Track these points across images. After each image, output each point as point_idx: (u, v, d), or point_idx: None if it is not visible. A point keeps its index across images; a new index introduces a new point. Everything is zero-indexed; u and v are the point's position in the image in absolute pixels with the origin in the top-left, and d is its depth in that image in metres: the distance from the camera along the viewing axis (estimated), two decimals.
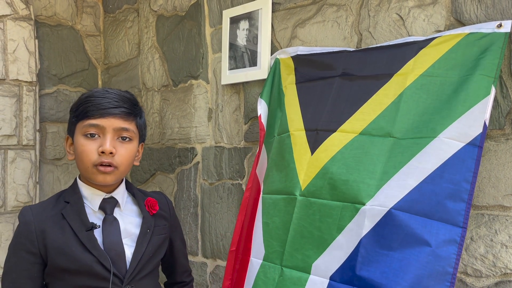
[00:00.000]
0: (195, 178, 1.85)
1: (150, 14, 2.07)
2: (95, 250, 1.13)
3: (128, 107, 1.18)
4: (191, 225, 1.87)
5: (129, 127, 1.18)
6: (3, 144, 1.86)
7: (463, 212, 0.99)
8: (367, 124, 1.16)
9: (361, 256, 1.05)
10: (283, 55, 1.49)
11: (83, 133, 1.15)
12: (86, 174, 1.17)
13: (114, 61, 2.27)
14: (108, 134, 1.14)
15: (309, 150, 1.25)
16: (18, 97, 1.90)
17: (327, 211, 1.15)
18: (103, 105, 1.14)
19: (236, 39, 1.64)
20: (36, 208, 1.19)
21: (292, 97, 1.40)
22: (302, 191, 1.23)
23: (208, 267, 1.80)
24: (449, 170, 1.01)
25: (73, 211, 1.16)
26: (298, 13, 1.50)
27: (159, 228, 1.28)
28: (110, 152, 1.13)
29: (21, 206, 1.87)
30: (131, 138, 1.20)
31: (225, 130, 1.74)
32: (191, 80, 1.88)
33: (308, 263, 1.15)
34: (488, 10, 1.12)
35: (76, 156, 1.18)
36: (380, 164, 1.09)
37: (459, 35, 1.12)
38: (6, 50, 1.88)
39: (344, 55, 1.32)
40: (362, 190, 1.09)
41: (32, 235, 1.13)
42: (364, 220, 1.06)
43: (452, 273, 0.97)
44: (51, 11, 2.11)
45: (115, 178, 1.17)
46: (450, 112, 1.05)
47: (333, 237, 1.11)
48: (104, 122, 1.14)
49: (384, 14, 1.30)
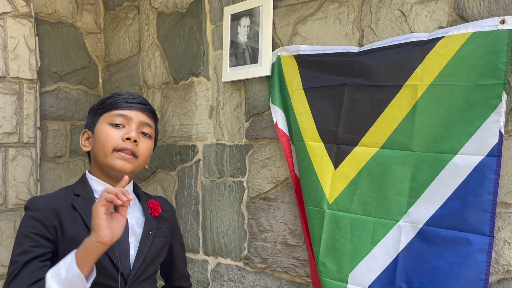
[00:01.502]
0: (196, 176, 1.85)
1: (150, 11, 2.06)
2: None
3: (152, 109, 1.29)
4: (192, 223, 1.87)
5: (151, 124, 1.27)
6: (4, 141, 1.86)
7: (488, 222, 1.06)
8: (386, 138, 1.21)
9: (400, 268, 1.15)
10: (284, 52, 1.48)
11: (108, 122, 1.20)
12: (105, 159, 1.17)
13: (114, 58, 2.26)
14: (134, 125, 1.21)
15: (332, 163, 1.31)
16: (18, 95, 1.90)
17: (360, 225, 1.23)
18: (132, 99, 1.24)
19: (237, 36, 1.63)
20: (47, 197, 1.18)
21: (301, 104, 1.40)
22: (329, 205, 1.29)
23: (209, 265, 1.80)
24: (472, 185, 1.08)
25: (85, 204, 1.16)
26: (299, 10, 1.49)
27: (161, 231, 1.28)
28: (134, 140, 1.18)
29: (22, 203, 1.87)
30: (151, 136, 1.27)
31: (226, 128, 1.73)
32: (192, 78, 1.87)
33: (344, 274, 1.23)
34: (491, 5, 1.12)
35: (97, 143, 1.19)
36: (406, 181, 1.17)
37: (463, 35, 1.11)
38: (7, 47, 1.87)
39: (349, 58, 1.30)
40: (393, 207, 1.18)
41: (47, 221, 1.10)
42: (400, 236, 1.16)
43: (484, 279, 1.05)
44: (52, 8, 2.10)
45: (133, 167, 1.20)
46: (466, 127, 1.09)
47: (367, 249, 1.20)
48: (131, 114, 1.21)
49: (386, 10, 1.30)
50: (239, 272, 1.69)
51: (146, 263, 1.21)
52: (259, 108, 1.61)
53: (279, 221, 1.55)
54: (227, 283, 1.73)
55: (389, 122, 1.21)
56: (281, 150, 1.54)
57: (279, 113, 1.49)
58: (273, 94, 1.50)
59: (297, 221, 1.50)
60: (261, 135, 1.61)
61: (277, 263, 1.56)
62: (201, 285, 1.84)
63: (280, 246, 1.55)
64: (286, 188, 1.54)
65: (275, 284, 1.57)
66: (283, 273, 1.54)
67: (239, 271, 1.69)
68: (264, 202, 1.60)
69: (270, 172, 1.58)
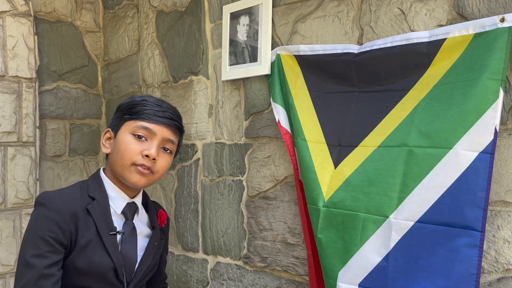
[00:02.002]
0: (196, 175, 1.85)
1: (150, 10, 2.05)
2: (116, 256, 1.11)
3: (179, 123, 1.23)
4: (191, 222, 1.87)
5: (174, 140, 1.22)
6: (3, 141, 1.86)
7: (481, 219, 1.05)
8: (385, 137, 1.21)
9: (392, 266, 1.14)
10: (284, 52, 1.48)
11: (131, 132, 1.15)
12: (122, 170, 1.14)
13: (114, 57, 2.26)
14: (156, 141, 1.16)
15: (332, 163, 1.31)
16: (17, 94, 1.90)
17: (350, 222, 1.22)
18: (160, 113, 1.17)
19: (236, 34, 1.63)
20: (65, 196, 1.11)
21: (305, 105, 1.40)
22: (325, 203, 1.29)
23: (209, 264, 1.80)
24: (466, 182, 1.07)
25: (99, 210, 1.13)
26: (298, 8, 1.49)
27: (160, 242, 1.29)
28: (153, 158, 1.14)
29: (21, 203, 1.86)
30: (172, 151, 1.22)
31: (226, 126, 1.73)
32: (191, 76, 1.87)
33: (334, 272, 1.23)
34: (490, 4, 1.11)
35: (116, 151, 1.15)
36: (398, 176, 1.15)
37: (465, 38, 1.11)
38: (6, 46, 1.87)
39: (353, 59, 1.30)
40: (384, 203, 1.16)
41: (65, 226, 1.06)
42: (391, 233, 1.14)
43: (476, 273, 1.06)
44: (51, 7, 2.10)
45: (147, 182, 1.17)
46: (462, 122, 1.07)
47: (357, 247, 1.19)
48: (156, 129, 1.16)
49: (386, 8, 1.29)
50: (238, 271, 1.69)
51: (146, 273, 1.22)
52: (259, 106, 1.61)
53: (279, 220, 1.55)
54: (227, 282, 1.73)
55: (391, 123, 1.21)
56: (281, 149, 1.54)
57: (281, 111, 1.49)
58: (274, 92, 1.50)
59: (296, 220, 1.50)
60: (260, 134, 1.61)
61: (276, 262, 1.56)
62: (200, 284, 1.83)
63: (280, 245, 1.55)
64: (286, 187, 1.53)
65: (274, 283, 1.57)
66: (283, 272, 1.54)
67: (239, 270, 1.69)
68: (264, 201, 1.60)
69: (269, 171, 1.58)
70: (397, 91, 1.22)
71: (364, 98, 1.29)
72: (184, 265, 1.91)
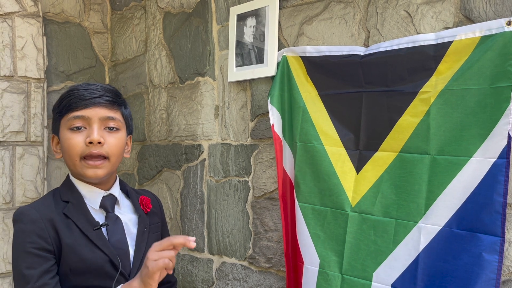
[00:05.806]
0: (202, 175, 1.86)
1: (157, 11, 2.07)
2: (107, 248, 1.11)
3: (111, 97, 1.16)
4: (197, 222, 1.88)
5: (115, 116, 1.15)
6: (12, 140, 1.88)
7: (499, 223, 1.09)
8: (403, 143, 1.25)
9: (421, 268, 1.20)
10: (290, 53, 1.49)
11: (68, 127, 1.12)
12: (75, 169, 1.12)
13: (121, 58, 2.27)
14: (95, 124, 1.11)
15: (354, 168, 1.35)
16: (26, 94, 1.92)
17: (382, 227, 1.28)
18: (86, 96, 1.12)
19: (243, 36, 1.64)
20: (37, 206, 1.12)
21: (318, 108, 1.41)
22: (353, 208, 1.34)
23: (214, 264, 1.81)
24: (485, 188, 1.11)
25: (76, 210, 1.12)
26: (305, 10, 1.49)
27: (154, 226, 1.27)
28: (98, 142, 1.10)
29: (29, 201, 1.88)
30: (118, 128, 1.17)
31: (232, 127, 1.74)
32: (197, 77, 1.88)
33: (368, 272, 1.29)
34: (497, 7, 1.11)
35: (64, 152, 1.14)
36: (424, 183, 1.21)
37: (472, 41, 1.12)
38: (15, 47, 1.89)
39: (360, 60, 1.31)
40: (413, 209, 1.22)
41: (43, 232, 1.06)
42: (420, 237, 1.20)
43: (496, 278, 1.09)
44: (59, 8, 2.12)
45: (106, 171, 1.13)
46: (480, 131, 1.11)
47: (390, 250, 1.26)
48: (88, 113, 1.11)
49: (392, 11, 1.30)
50: (243, 271, 1.70)
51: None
52: (265, 108, 1.61)
53: None
54: (232, 282, 1.74)
55: (405, 128, 1.24)
56: None
57: (276, 115, 1.51)
58: (273, 94, 1.51)
59: None
60: (266, 135, 1.61)
61: (281, 263, 1.56)
62: (206, 284, 1.84)
63: None
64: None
65: (279, 283, 1.58)
66: None
67: (244, 270, 1.70)
68: (269, 202, 1.60)
69: (275, 172, 1.58)
70: (405, 93, 1.24)
71: (373, 99, 1.30)
72: (190, 265, 1.92)
